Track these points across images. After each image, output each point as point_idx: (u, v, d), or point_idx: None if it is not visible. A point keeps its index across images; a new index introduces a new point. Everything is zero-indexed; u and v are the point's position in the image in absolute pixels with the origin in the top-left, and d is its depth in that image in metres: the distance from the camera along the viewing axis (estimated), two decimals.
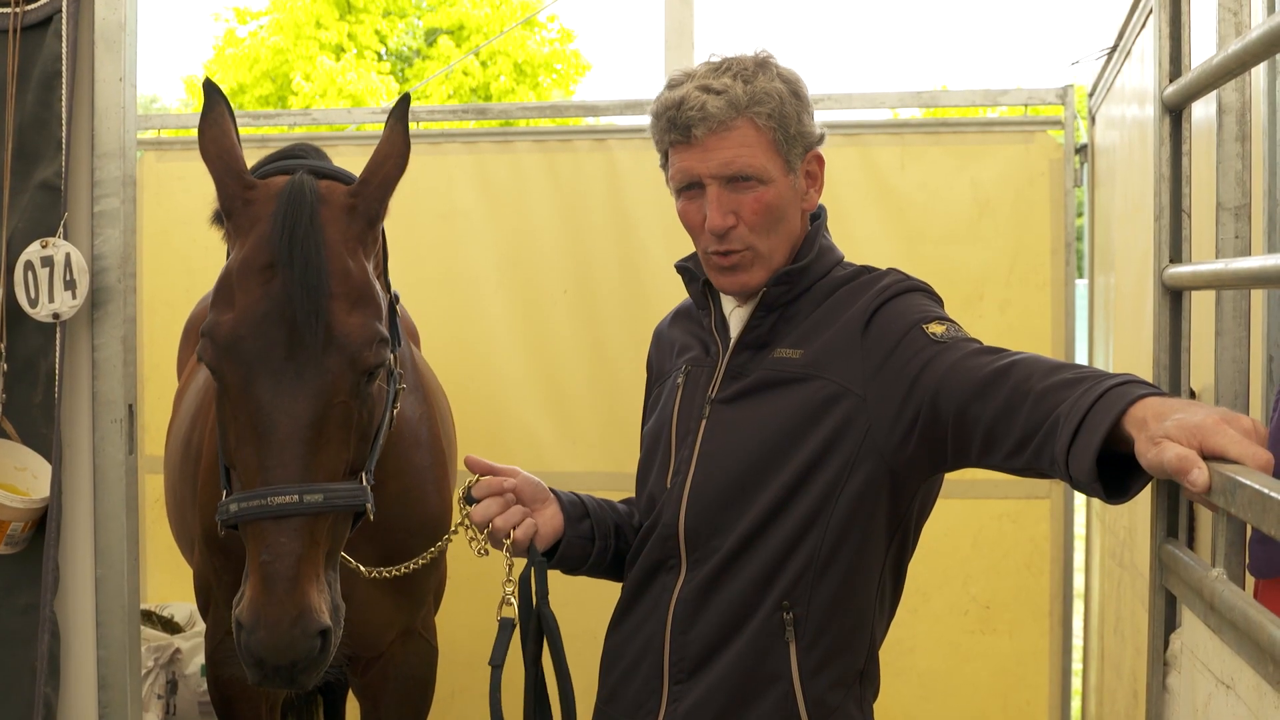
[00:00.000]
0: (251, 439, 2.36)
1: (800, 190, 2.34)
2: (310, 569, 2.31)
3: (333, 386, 2.39)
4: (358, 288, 2.47)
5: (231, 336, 2.38)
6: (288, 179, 2.53)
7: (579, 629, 2.72)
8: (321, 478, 2.36)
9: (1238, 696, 1.47)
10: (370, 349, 2.44)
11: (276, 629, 2.24)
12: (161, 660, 5.00)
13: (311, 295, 2.37)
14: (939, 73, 72.88)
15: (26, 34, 2.80)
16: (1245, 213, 1.98)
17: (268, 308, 2.38)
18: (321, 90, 22.52)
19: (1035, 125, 5.00)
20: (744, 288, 2.32)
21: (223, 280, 2.47)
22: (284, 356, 2.36)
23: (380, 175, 2.60)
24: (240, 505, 2.31)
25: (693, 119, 2.24)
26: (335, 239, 2.48)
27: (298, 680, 2.32)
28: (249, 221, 2.49)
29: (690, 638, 2.27)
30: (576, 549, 2.45)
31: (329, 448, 2.39)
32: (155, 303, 5.42)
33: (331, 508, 2.36)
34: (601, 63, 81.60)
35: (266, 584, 2.26)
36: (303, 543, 2.30)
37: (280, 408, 2.35)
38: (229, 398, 2.40)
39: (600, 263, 5.11)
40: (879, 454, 2.18)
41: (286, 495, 2.30)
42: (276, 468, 2.32)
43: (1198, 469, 1.46)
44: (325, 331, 2.38)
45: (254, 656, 2.27)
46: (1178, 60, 2.06)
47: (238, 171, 2.54)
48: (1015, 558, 4.95)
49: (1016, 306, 4.91)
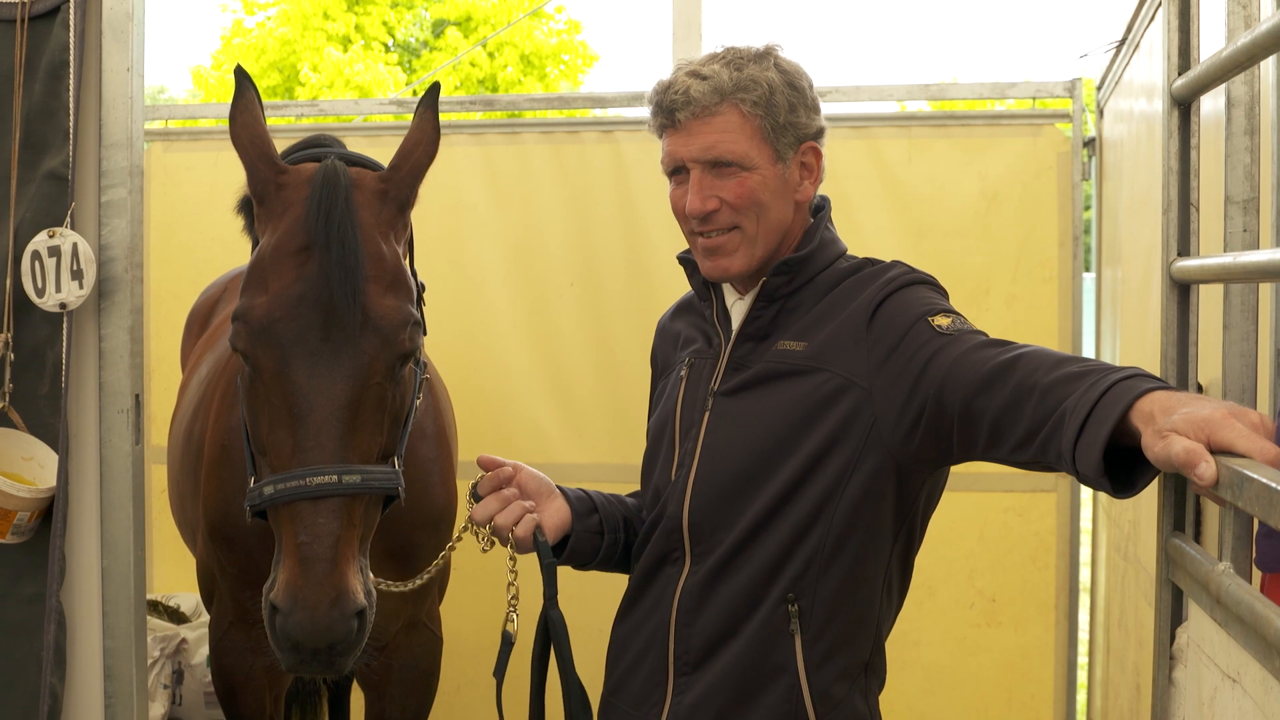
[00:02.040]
0: (286, 422, 2.34)
1: (792, 181, 2.32)
2: (348, 550, 2.30)
3: (369, 369, 2.38)
4: (392, 271, 2.48)
5: (266, 319, 2.37)
6: (319, 165, 2.53)
7: (585, 622, 2.73)
8: (356, 460, 2.35)
9: (1244, 690, 1.47)
10: (405, 332, 2.45)
11: (315, 611, 2.22)
12: (167, 650, 5.02)
13: (349, 277, 2.37)
14: (947, 66, 72.81)
15: (34, 24, 2.80)
16: (1254, 206, 1.97)
17: (303, 290, 2.38)
18: (329, 81, 22.54)
19: (1043, 118, 4.99)
20: (725, 273, 2.32)
21: (255, 265, 2.46)
22: (320, 339, 2.36)
23: (410, 162, 2.63)
24: (276, 487, 2.29)
25: (676, 103, 2.26)
26: (369, 223, 2.49)
27: (335, 664, 2.29)
28: (281, 206, 2.49)
29: (695, 630, 2.27)
30: (586, 543, 2.45)
31: (364, 430, 2.38)
32: (162, 293, 5.43)
33: (368, 489, 2.34)
34: (609, 54, 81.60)
35: (304, 566, 2.24)
36: (341, 524, 2.29)
37: (317, 389, 2.34)
38: (262, 381, 2.39)
39: (607, 255, 5.11)
40: (884, 447, 2.18)
41: (325, 475, 2.28)
42: (314, 449, 2.31)
43: (1205, 463, 1.45)
44: (361, 313, 2.38)
45: (290, 640, 2.25)
46: (1187, 53, 2.06)
47: (270, 157, 2.55)
48: (1021, 551, 4.95)
49: (1023, 300, 4.91)
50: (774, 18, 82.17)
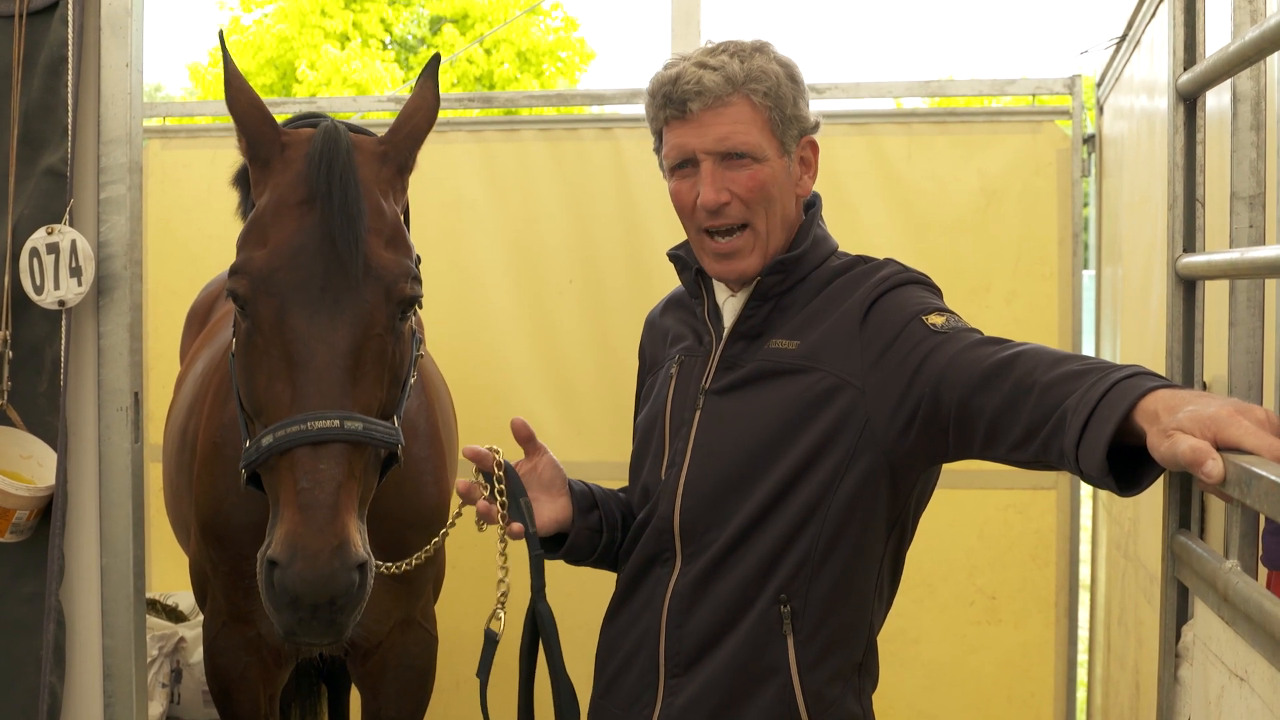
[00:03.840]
0: (286, 372, 2.34)
1: (794, 175, 2.32)
2: (349, 500, 2.27)
3: (370, 317, 2.39)
4: (391, 225, 2.50)
5: (266, 269, 2.38)
6: (319, 126, 2.55)
7: (576, 621, 2.72)
8: (358, 412, 2.33)
9: (1251, 689, 1.47)
10: (406, 282, 2.46)
11: (316, 560, 2.19)
12: (166, 649, 5.00)
13: (351, 225, 2.38)
14: (946, 62, 72.85)
15: (32, 19, 2.79)
16: (1259, 202, 1.97)
17: (303, 240, 2.39)
18: (326, 79, 22.54)
19: (1042, 115, 4.98)
20: (741, 275, 2.31)
21: (254, 220, 2.48)
22: (320, 288, 2.36)
23: (410, 126, 2.65)
24: (275, 435, 2.27)
25: (688, 93, 2.24)
26: (369, 179, 2.51)
27: (336, 622, 2.25)
28: (283, 164, 2.51)
29: (686, 631, 2.26)
30: (584, 540, 2.43)
31: (365, 382, 2.38)
32: (160, 290, 5.42)
33: (370, 439, 2.33)
34: (606, 51, 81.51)
35: (305, 512, 2.21)
36: (343, 472, 2.27)
37: (318, 336, 2.33)
38: (261, 334, 2.39)
39: (606, 252, 5.11)
40: (878, 446, 2.16)
41: (327, 420, 2.27)
42: (315, 395, 2.30)
43: (1212, 460, 1.45)
44: (363, 262, 2.39)
45: (290, 595, 2.21)
46: (1192, 48, 2.05)
47: (272, 120, 2.57)
48: (1021, 549, 4.95)
49: (1023, 297, 4.90)
50: (773, 14, 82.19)
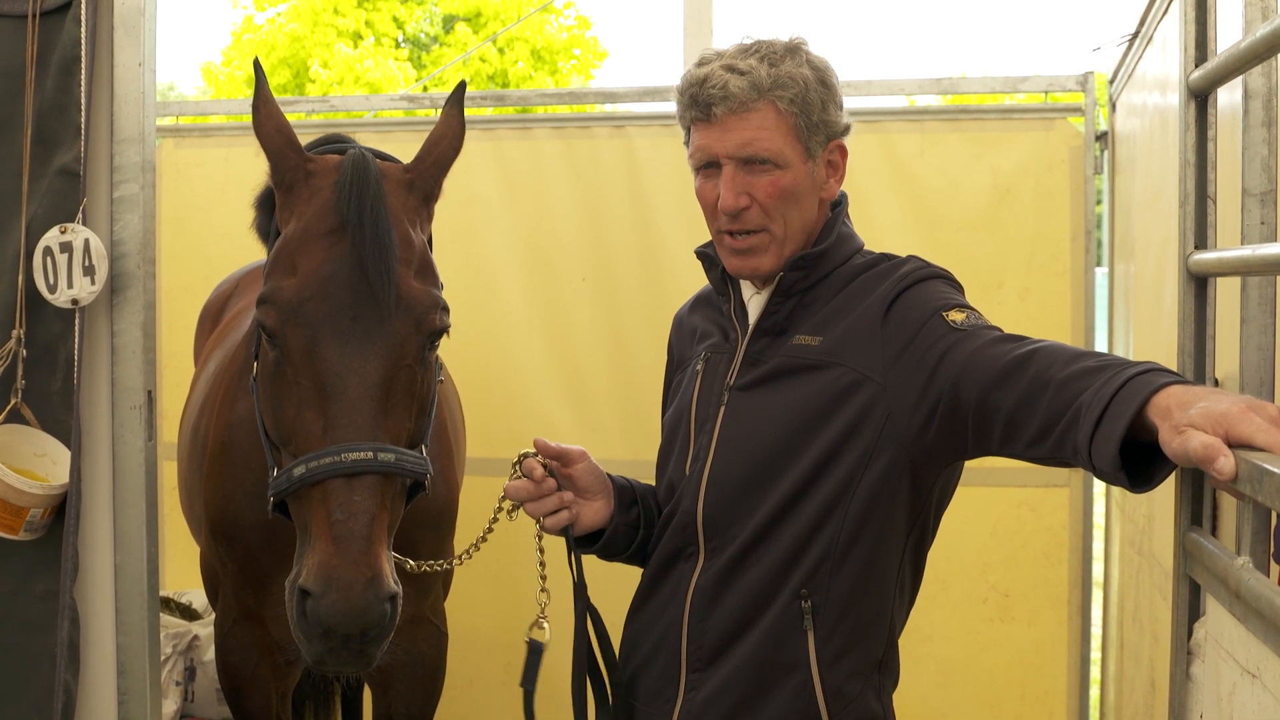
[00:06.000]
0: (316, 402, 2.33)
1: (819, 179, 2.32)
2: (381, 531, 2.27)
3: (400, 348, 2.38)
4: (420, 255, 2.50)
5: (296, 299, 2.37)
6: (345, 154, 2.54)
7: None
8: (388, 443, 2.32)
9: (1264, 686, 1.46)
10: (436, 313, 2.46)
11: (350, 592, 2.18)
12: (180, 647, 5.02)
13: (383, 256, 2.37)
14: (959, 59, 72.70)
15: (46, 19, 2.80)
16: (1271, 199, 1.96)
17: (333, 270, 2.38)
18: (339, 77, 22.57)
19: (1055, 112, 4.97)
20: (755, 272, 2.32)
21: (281, 249, 2.47)
22: (351, 318, 2.35)
23: (435, 154, 2.66)
24: (309, 466, 2.26)
25: (714, 97, 2.23)
26: (397, 208, 2.50)
27: (365, 653, 2.25)
28: (309, 192, 2.50)
29: (708, 626, 2.27)
30: (623, 536, 2.46)
31: (395, 413, 2.37)
32: (173, 289, 5.43)
33: (402, 470, 2.32)
34: (619, 49, 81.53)
35: (339, 545, 2.20)
36: (376, 503, 2.26)
37: (350, 368, 2.32)
38: (290, 363, 2.37)
39: (619, 250, 5.11)
40: (898, 442, 2.17)
41: (361, 452, 2.26)
42: (348, 426, 2.29)
43: (1224, 457, 1.45)
44: (395, 293, 2.38)
45: (322, 626, 2.20)
46: (1203, 45, 2.05)
47: (298, 145, 2.56)
48: (1034, 546, 4.94)
49: (1036, 294, 4.89)
50: (786, 11, 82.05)
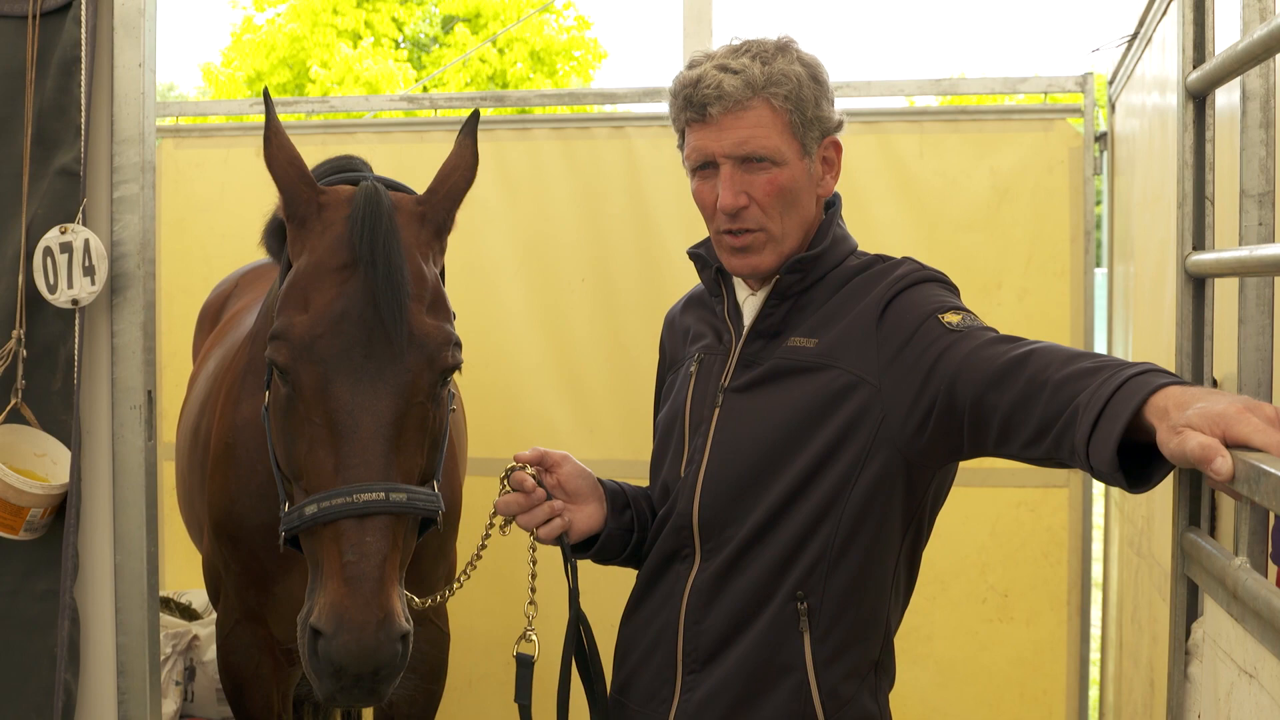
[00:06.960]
0: (328, 440, 2.30)
1: (816, 176, 2.33)
2: (393, 572, 2.25)
3: (413, 386, 2.36)
4: (432, 291, 2.47)
5: (308, 336, 2.34)
6: (358, 186, 2.51)
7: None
8: (400, 481, 2.30)
9: (1260, 686, 1.47)
10: (448, 350, 2.43)
11: (362, 633, 2.16)
12: (179, 647, 5.02)
13: (396, 293, 2.34)
14: (958, 60, 72.69)
15: (46, 20, 2.80)
16: (1269, 200, 1.96)
17: (345, 307, 2.35)
18: (338, 78, 22.57)
19: (1054, 113, 4.98)
20: (755, 270, 2.32)
21: (293, 283, 2.44)
22: (364, 355, 2.33)
23: (448, 186, 2.61)
24: (320, 505, 2.24)
25: (708, 97, 2.24)
26: (410, 242, 2.48)
27: (376, 691, 2.24)
28: (321, 226, 2.47)
29: (703, 628, 2.27)
30: (617, 540, 2.46)
31: (407, 450, 2.35)
32: (173, 289, 5.44)
33: (414, 509, 2.30)
34: (619, 50, 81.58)
35: (351, 586, 2.19)
36: (387, 544, 2.24)
37: (362, 406, 2.30)
38: (302, 399, 2.35)
39: (618, 251, 5.11)
40: (894, 444, 2.17)
41: (373, 493, 2.24)
42: (360, 466, 2.27)
43: (1221, 457, 1.45)
44: (407, 331, 2.36)
45: (334, 666, 2.19)
46: (1201, 46, 2.05)
47: (310, 179, 2.53)
48: (1033, 546, 4.94)
49: (1035, 295, 4.90)
50: (785, 12, 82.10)
